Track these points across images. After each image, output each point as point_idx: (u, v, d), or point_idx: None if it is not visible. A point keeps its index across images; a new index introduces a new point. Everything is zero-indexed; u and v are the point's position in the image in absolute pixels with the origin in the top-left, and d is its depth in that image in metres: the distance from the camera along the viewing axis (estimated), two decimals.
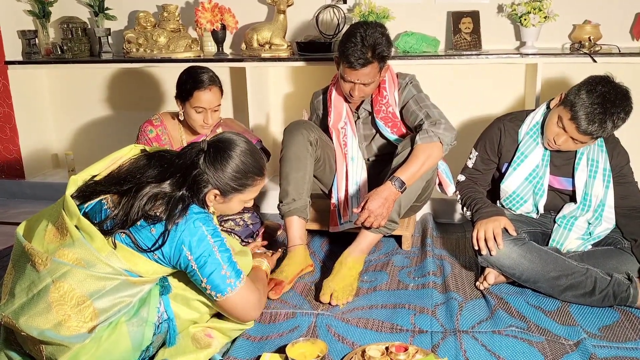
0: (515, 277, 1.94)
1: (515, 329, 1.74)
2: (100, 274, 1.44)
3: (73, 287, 1.42)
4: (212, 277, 1.53)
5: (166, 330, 1.56)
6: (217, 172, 1.58)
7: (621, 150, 2.06)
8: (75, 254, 1.45)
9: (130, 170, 1.57)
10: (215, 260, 1.53)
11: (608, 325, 1.79)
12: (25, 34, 3.20)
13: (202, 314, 1.63)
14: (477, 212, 2.06)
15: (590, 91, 1.85)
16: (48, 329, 1.40)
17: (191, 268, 1.52)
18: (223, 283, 1.54)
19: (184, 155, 1.59)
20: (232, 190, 1.61)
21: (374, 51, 2.09)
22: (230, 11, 2.96)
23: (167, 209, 1.50)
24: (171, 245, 1.50)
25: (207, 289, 1.55)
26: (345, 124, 2.34)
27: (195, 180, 1.56)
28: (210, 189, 1.58)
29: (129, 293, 1.49)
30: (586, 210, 2.04)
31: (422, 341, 1.70)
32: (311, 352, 1.57)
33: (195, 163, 1.57)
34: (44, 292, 1.42)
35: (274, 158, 3.16)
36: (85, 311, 1.42)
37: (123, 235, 1.48)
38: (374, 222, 2.01)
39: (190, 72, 2.27)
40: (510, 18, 2.88)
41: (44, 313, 1.41)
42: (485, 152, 2.18)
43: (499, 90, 2.97)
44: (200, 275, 1.53)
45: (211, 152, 1.59)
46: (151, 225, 1.49)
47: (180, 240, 1.49)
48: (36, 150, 3.42)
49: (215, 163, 1.58)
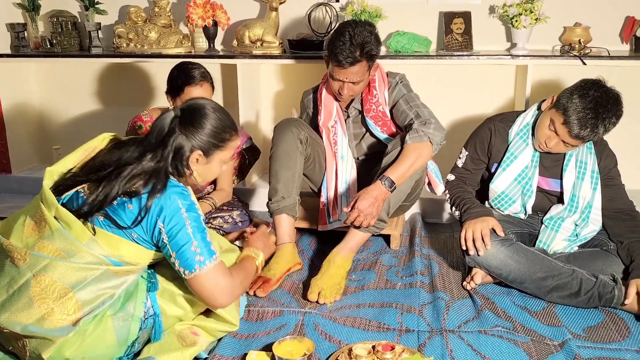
0: (502, 278, 1.95)
1: (501, 329, 1.75)
2: (81, 264, 1.44)
3: (54, 279, 1.42)
4: (181, 252, 1.48)
5: (152, 326, 1.55)
6: (197, 132, 1.58)
7: (609, 153, 2.08)
8: (55, 245, 1.45)
9: (106, 157, 1.57)
10: (186, 234, 1.49)
11: (592, 326, 1.80)
12: (14, 26, 3.17)
13: (187, 311, 1.62)
14: (465, 212, 2.07)
15: (582, 96, 1.86)
16: (31, 324, 1.39)
17: (162, 242, 1.50)
18: (192, 259, 1.48)
19: (156, 128, 1.59)
20: (213, 148, 1.62)
21: (363, 50, 2.09)
22: (222, 7, 2.94)
23: (147, 182, 1.49)
24: (147, 219, 1.49)
25: (175, 264, 1.50)
26: (335, 123, 2.34)
27: (177, 146, 1.57)
28: (193, 150, 1.59)
29: (112, 284, 1.48)
30: (573, 211, 2.05)
31: (408, 340, 1.71)
32: (298, 350, 1.57)
33: (172, 130, 1.57)
34: (25, 287, 1.42)
35: (264, 155, 3.16)
36: (67, 303, 1.41)
37: (101, 218, 1.48)
38: (363, 221, 2.01)
39: (182, 68, 2.26)
40: (501, 19, 2.89)
41: (26, 308, 1.40)
42: (475, 152, 2.19)
43: (489, 90, 2.98)
44: (170, 249, 1.49)
45: (185, 115, 1.60)
46: (127, 202, 1.48)
47: (155, 212, 1.48)
48: (23, 144, 3.39)
49: (193, 124, 1.58)
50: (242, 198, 2.73)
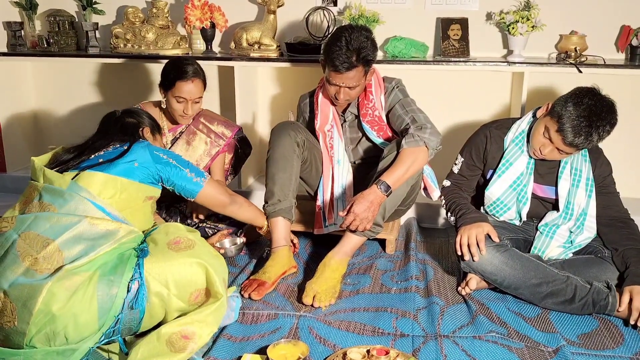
0: (497, 283, 1.96)
1: (496, 334, 1.76)
2: (62, 214, 1.55)
3: (38, 233, 1.52)
4: (180, 183, 1.87)
5: (134, 295, 1.52)
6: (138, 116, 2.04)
7: (604, 161, 2.09)
8: (41, 201, 1.59)
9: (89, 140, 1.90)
10: (175, 168, 1.85)
11: (587, 333, 1.81)
12: (11, 25, 3.16)
13: (170, 293, 1.56)
14: (460, 218, 2.07)
15: (577, 104, 1.87)
16: (18, 277, 1.46)
17: (165, 176, 1.85)
18: (191, 182, 1.89)
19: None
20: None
21: (359, 55, 2.09)
22: (220, 10, 2.94)
23: (123, 140, 1.85)
24: (137, 161, 1.77)
25: (182, 193, 1.91)
26: (332, 127, 2.35)
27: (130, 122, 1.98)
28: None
29: (93, 236, 1.54)
30: (568, 218, 2.06)
31: (403, 345, 1.71)
32: (292, 353, 1.56)
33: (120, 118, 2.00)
34: (12, 247, 1.51)
35: (260, 158, 3.16)
36: (50, 251, 1.49)
37: (88, 167, 1.71)
38: (359, 225, 2.01)
39: (175, 63, 2.31)
40: (498, 26, 2.91)
41: (12, 265, 1.48)
42: (470, 158, 2.19)
43: (485, 97, 2.99)
44: (173, 181, 1.86)
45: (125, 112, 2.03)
46: (118, 148, 1.80)
47: (141, 157, 1.79)
48: (19, 143, 3.38)
49: (131, 115, 2.02)
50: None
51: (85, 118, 3.42)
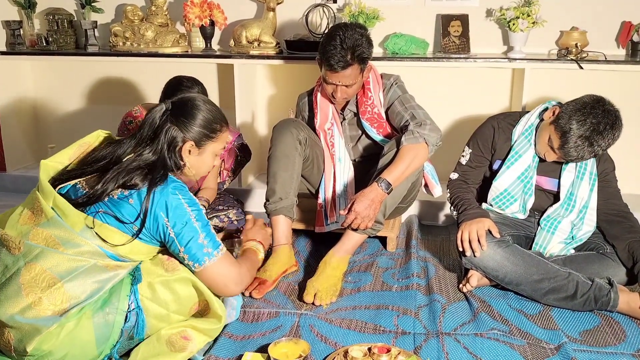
0: (499, 279, 1.95)
1: (497, 332, 1.75)
2: (72, 255, 1.46)
3: (44, 268, 1.44)
4: (189, 246, 1.54)
5: (134, 323, 1.52)
6: (188, 122, 1.61)
7: (608, 158, 2.10)
8: (49, 232, 1.47)
9: (101, 152, 1.60)
10: (193, 228, 1.54)
11: (589, 330, 1.81)
12: (10, 24, 3.15)
13: (170, 311, 1.57)
14: (462, 214, 2.07)
15: (580, 122, 1.86)
16: (17, 313, 1.40)
17: (169, 236, 1.54)
18: (200, 252, 1.55)
19: (148, 122, 1.61)
20: (205, 138, 1.64)
21: (354, 53, 2.08)
22: (219, 7, 2.94)
23: (146, 176, 1.52)
24: (151, 214, 1.51)
25: (185, 258, 1.56)
26: (332, 125, 2.34)
27: (169, 137, 1.59)
28: (185, 141, 1.61)
29: (101, 278, 1.48)
30: (570, 210, 2.06)
31: (404, 343, 1.70)
32: (294, 352, 1.56)
33: (164, 122, 1.60)
34: (16, 275, 1.44)
35: (261, 155, 3.15)
36: (56, 293, 1.43)
37: (102, 211, 1.50)
38: (360, 223, 2.00)
39: (175, 83, 2.26)
40: (498, 23, 2.90)
41: (13, 296, 1.42)
42: (478, 148, 2.19)
43: (485, 93, 2.99)
44: (178, 244, 1.54)
45: (176, 107, 1.62)
46: (129, 197, 1.51)
47: (158, 207, 1.51)
48: (18, 142, 3.37)
49: (184, 115, 1.61)
50: (239, 199, 2.72)
51: (85, 116, 3.42)
